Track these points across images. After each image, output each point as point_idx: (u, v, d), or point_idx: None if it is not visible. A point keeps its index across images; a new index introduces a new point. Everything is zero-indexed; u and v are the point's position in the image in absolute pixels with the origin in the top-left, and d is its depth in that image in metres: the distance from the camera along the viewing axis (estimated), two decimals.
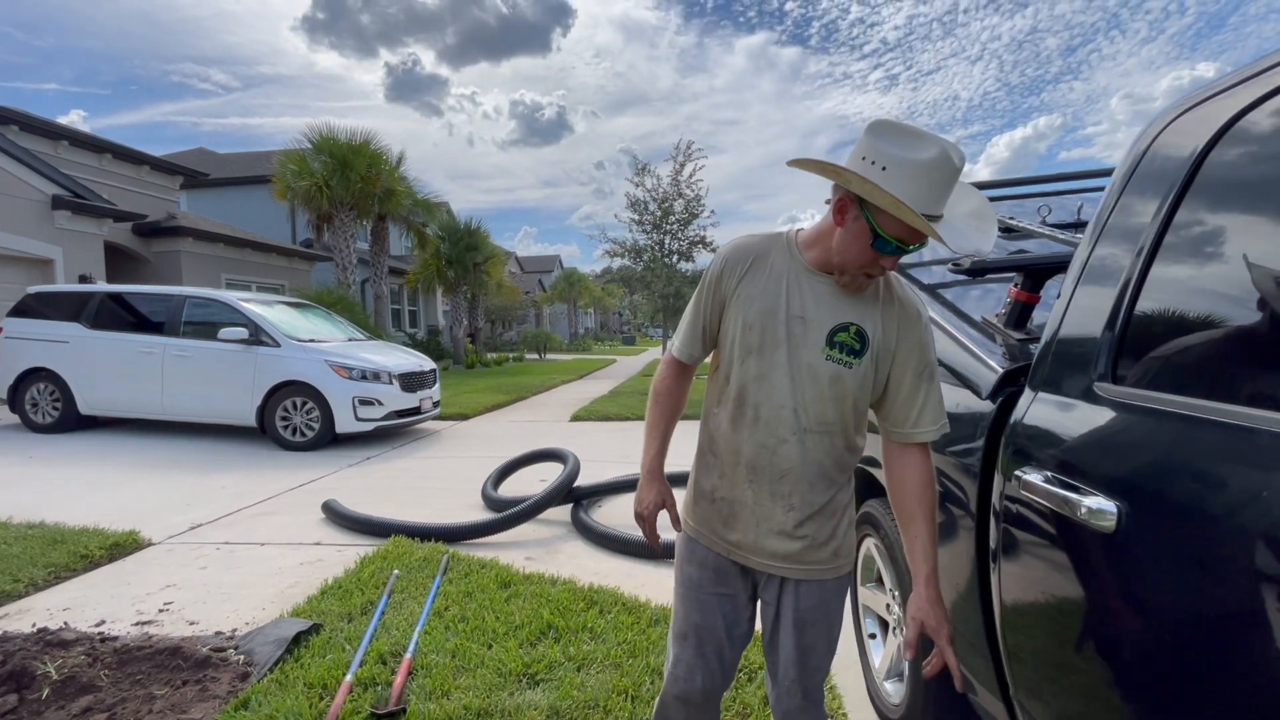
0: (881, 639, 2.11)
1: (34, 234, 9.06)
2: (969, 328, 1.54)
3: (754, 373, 1.17)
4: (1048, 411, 1.11)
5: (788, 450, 1.16)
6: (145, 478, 4.91)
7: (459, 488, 4.65)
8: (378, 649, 2.20)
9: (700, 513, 1.30)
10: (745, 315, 1.18)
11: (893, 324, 1.15)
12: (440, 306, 22.66)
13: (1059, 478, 1.00)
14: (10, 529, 3.48)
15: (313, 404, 6.12)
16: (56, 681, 2.01)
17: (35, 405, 6.65)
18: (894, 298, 1.17)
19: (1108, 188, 1.19)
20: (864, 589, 2.19)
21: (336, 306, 10.24)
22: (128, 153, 12.55)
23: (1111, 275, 1.08)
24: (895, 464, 1.20)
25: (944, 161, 0.99)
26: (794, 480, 1.17)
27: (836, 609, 1.26)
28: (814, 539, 1.20)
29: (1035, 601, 1.09)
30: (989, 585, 1.25)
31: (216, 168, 18.02)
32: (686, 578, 1.31)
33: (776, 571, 1.22)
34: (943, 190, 1.01)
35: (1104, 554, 0.90)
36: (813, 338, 1.14)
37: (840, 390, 1.14)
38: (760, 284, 1.18)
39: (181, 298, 6.68)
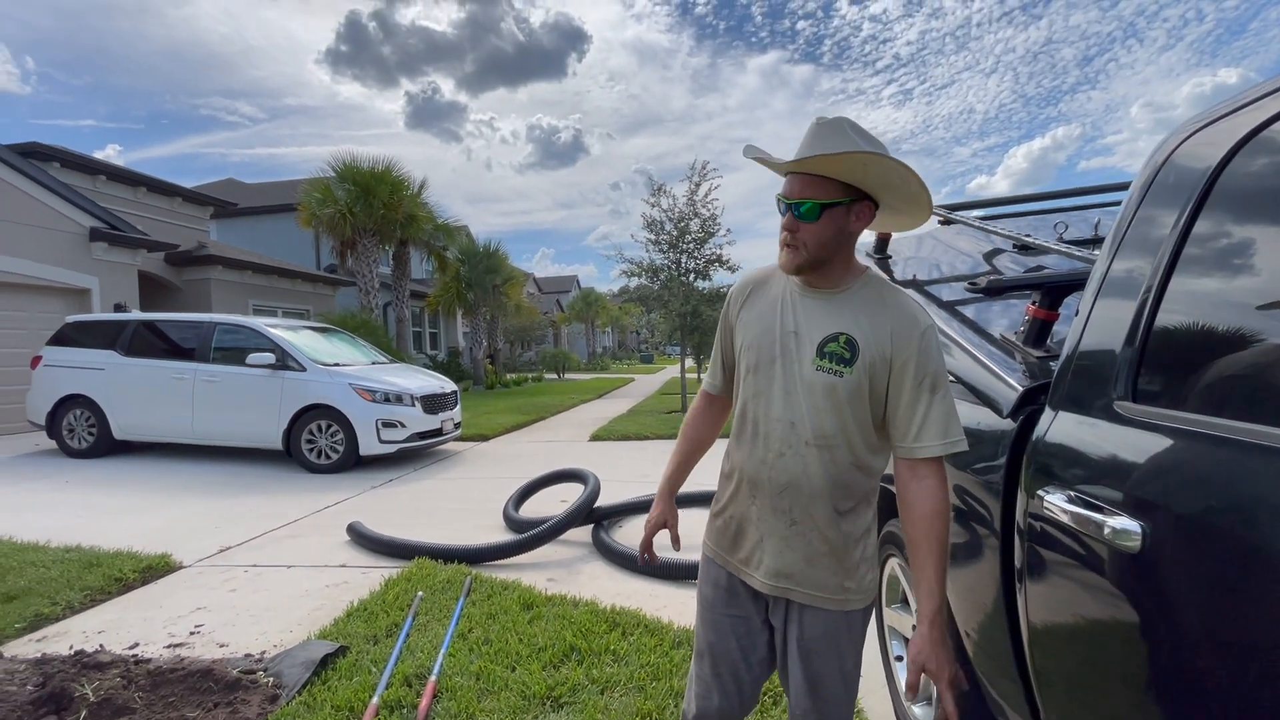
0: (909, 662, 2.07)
1: (73, 265, 9.41)
2: (988, 345, 1.54)
3: (753, 389, 1.21)
4: (1069, 430, 1.11)
5: (785, 464, 1.16)
6: (176, 501, 5.02)
7: (481, 509, 4.68)
8: (403, 671, 2.21)
9: (713, 531, 1.33)
10: (745, 337, 1.25)
11: (885, 331, 1.12)
12: (460, 328, 22.95)
13: (1082, 497, 0.99)
14: (48, 552, 3.57)
15: (337, 427, 6.23)
16: (94, 703, 2.05)
17: (72, 431, 6.86)
18: (887, 305, 1.15)
19: (1125, 200, 1.19)
20: (889, 610, 2.17)
21: (360, 330, 10.44)
22: (161, 185, 13.02)
23: (1130, 290, 1.08)
24: (904, 486, 1.14)
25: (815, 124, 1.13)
26: (794, 494, 1.16)
27: (847, 644, 1.21)
28: (816, 559, 1.17)
29: (1063, 623, 1.07)
30: (1015, 605, 1.23)
31: (244, 197, 18.59)
32: (702, 597, 1.33)
33: (779, 593, 1.20)
34: (812, 138, 1.11)
35: (1130, 575, 0.89)
36: (805, 351, 1.16)
37: (835, 401, 1.13)
38: (759, 308, 1.25)
39: (211, 324, 6.87)
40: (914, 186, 1.10)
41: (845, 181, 1.11)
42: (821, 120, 1.12)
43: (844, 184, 1.11)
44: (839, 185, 1.11)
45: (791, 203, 1.13)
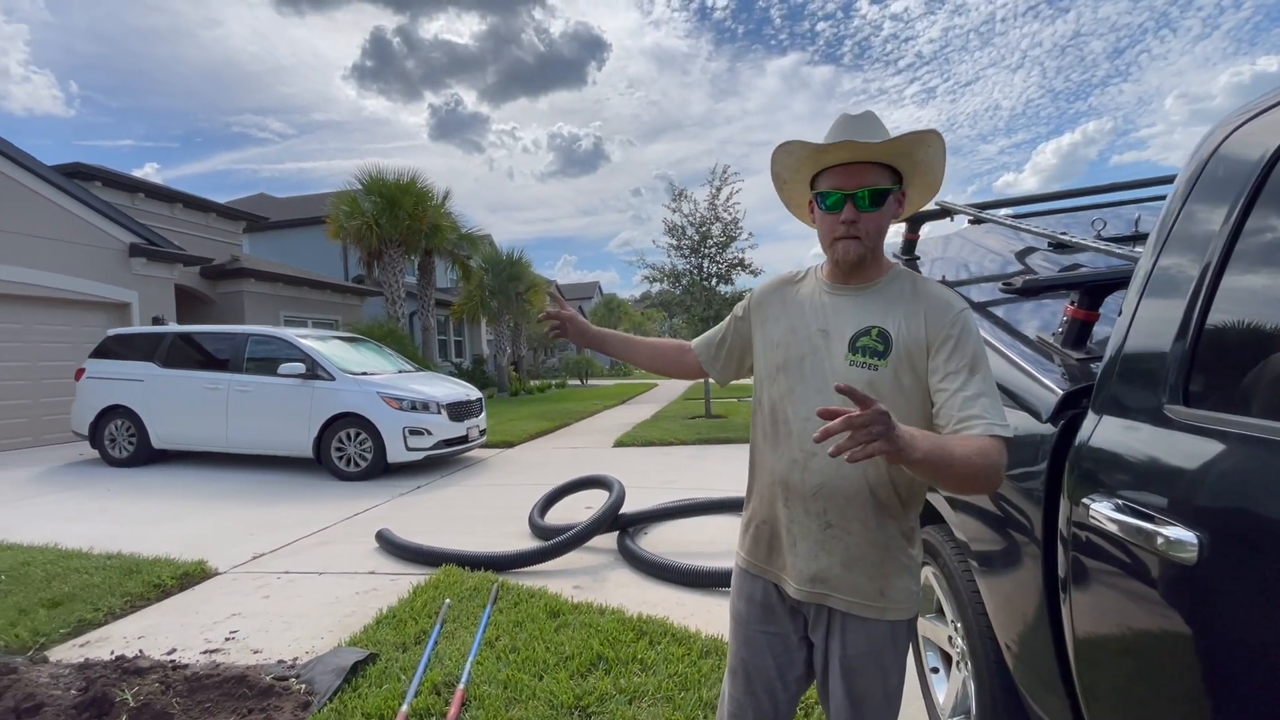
0: (945, 673, 2.02)
1: (114, 280, 9.74)
2: (1024, 347, 1.49)
3: (783, 388, 1.19)
4: (1114, 435, 1.06)
5: (818, 464, 1.12)
6: (211, 509, 5.14)
7: (506, 515, 4.70)
8: (431, 679, 2.22)
9: (746, 541, 1.29)
10: (772, 335, 1.24)
11: (918, 319, 1.09)
12: (484, 336, 23.19)
13: (1131, 506, 0.95)
14: (91, 559, 3.68)
15: (366, 435, 6.32)
16: (133, 709, 2.10)
17: (113, 440, 7.08)
18: (920, 294, 1.12)
19: (1170, 195, 1.14)
20: (923, 620, 2.11)
21: (387, 339, 10.61)
22: (196, 201, 13.43)
23: (1178, 288, 1.04)
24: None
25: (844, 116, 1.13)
26: (828, 495, 1.12)
27: (891, 659, 1.16)
28: (853, 563, 1.13)
29: (1112, 636, 1.03)
30: (1059, 616, 1.19)
31: (275, 211, 19.07)
32: (736, 613, 1.30)
33: (815, 598, 1.16)
34: (853, 127, 1.10)
35: (1186, 587, 0.85)
36: (836, 348, 1.14)
37: (874, 395, 1.07)
38: (785, 306, 1.24)
39: (244, 336, 7.04)
40: (938, 171, 1.12)
41: (894, 167, 1.12)
42: (848, 114, 1.12)
43: (892, 171, 1.12)
44: (890, 172, 1.12)
45: (850, 193, 1.10)
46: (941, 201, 2.48)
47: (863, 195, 1.09)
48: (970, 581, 1.63)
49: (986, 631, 1.56)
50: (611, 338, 1.49)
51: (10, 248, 8.38)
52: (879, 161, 1.11)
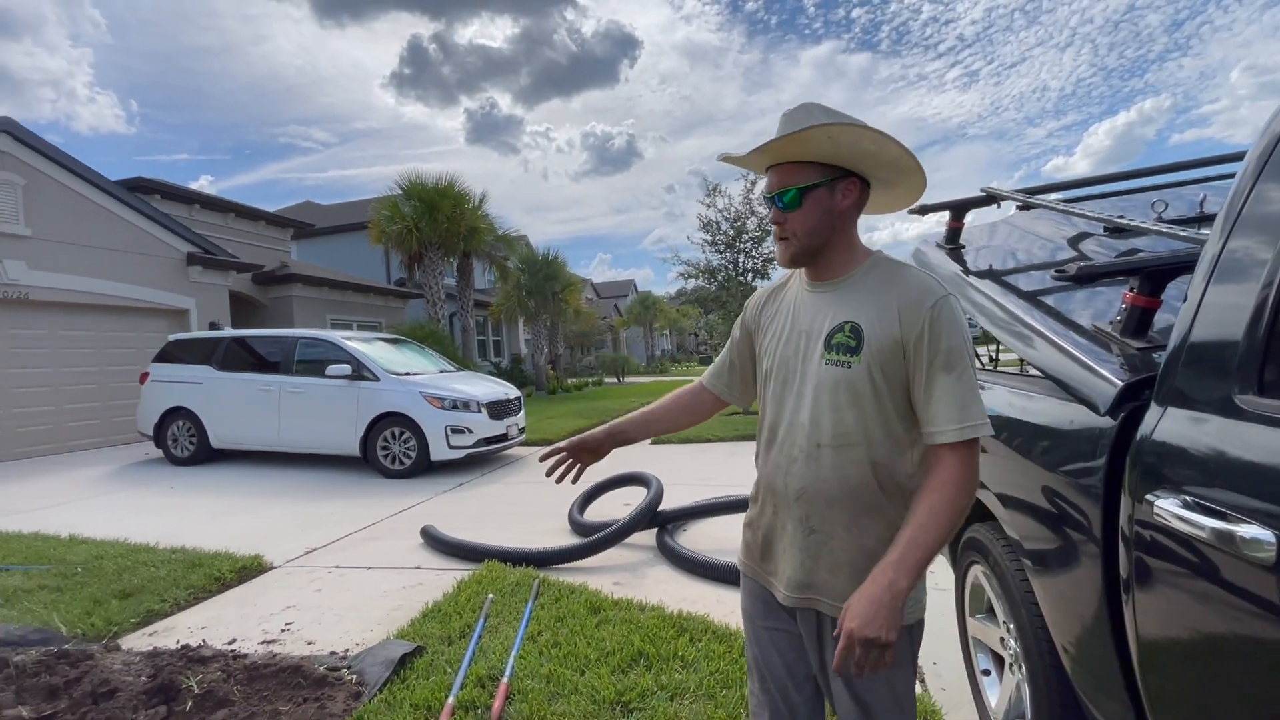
0: (997, 676, 1.95)
1: (172, 288, 10.24)
2: (1079, 337, 1.42)
3: (772, 394, 1.18)
4: (1180, 428, 1.01)
5: (798, 469, 1.11)
6: (266, 505, 5.35)
7: (546, 512, 4.75)
8: (476, 672, 2.26)
9: (745, 544, 1.28)
10: (763, 343, 1.24)
11: (891, 311, 1.05)
12: (522, 335, 23.51)
13: (1201, 503, 0.90)
14: (157, 553, 3.88)
15: (409, 434, 6.48)
16: (197, 695, 2.20)
17: (175, 440, 7.44)
18: (893, 285, 1.07)
19: (1239, 174, 1.07)
20: (973, 621, 2.05)
21: (428, 340, 10.85)
22: (247, 211, 13.99)
23: (1250, 272, 0.97)
24: (926, 471, 1.04)
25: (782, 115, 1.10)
26: (810, 500, 1.10)
27: (895, 668, 1.09)
28: (839, 568, 1.09)
29: (1180, 639, 0.97)
30: (1121, 619, 1.13)
31: (320, 218, 19.71)
32: (744, 609, 1.30)
33: (803, 604, 1.13)
34: (780, 126, 1.08)
35: (1263, 589, 0.80)
36: (815, 347, 1.12)
37: (851, 394, 1.06)
38: (775, 313, 1.23)
39: (294, 339, 7.30)
40: (892, 150, 1.05)
41: (820, 162, 1.09)
42: (787, 110, 1.10)
43: (822, 165, 1.09)
44: (816, 167, 1.09)
45: (771, 196, 1.12)
46: (988, 188, 2.40)
47: (784, 196, 1.10)
48: (1024, 581, 1.57)
49: (1042, 633, 1.50)
50: (629, 426, 1.39)
51: (81, 260, 8.88)
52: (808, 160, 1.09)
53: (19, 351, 8.33)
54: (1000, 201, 2.34)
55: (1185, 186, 2.38)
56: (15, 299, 8.15)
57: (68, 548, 4.06)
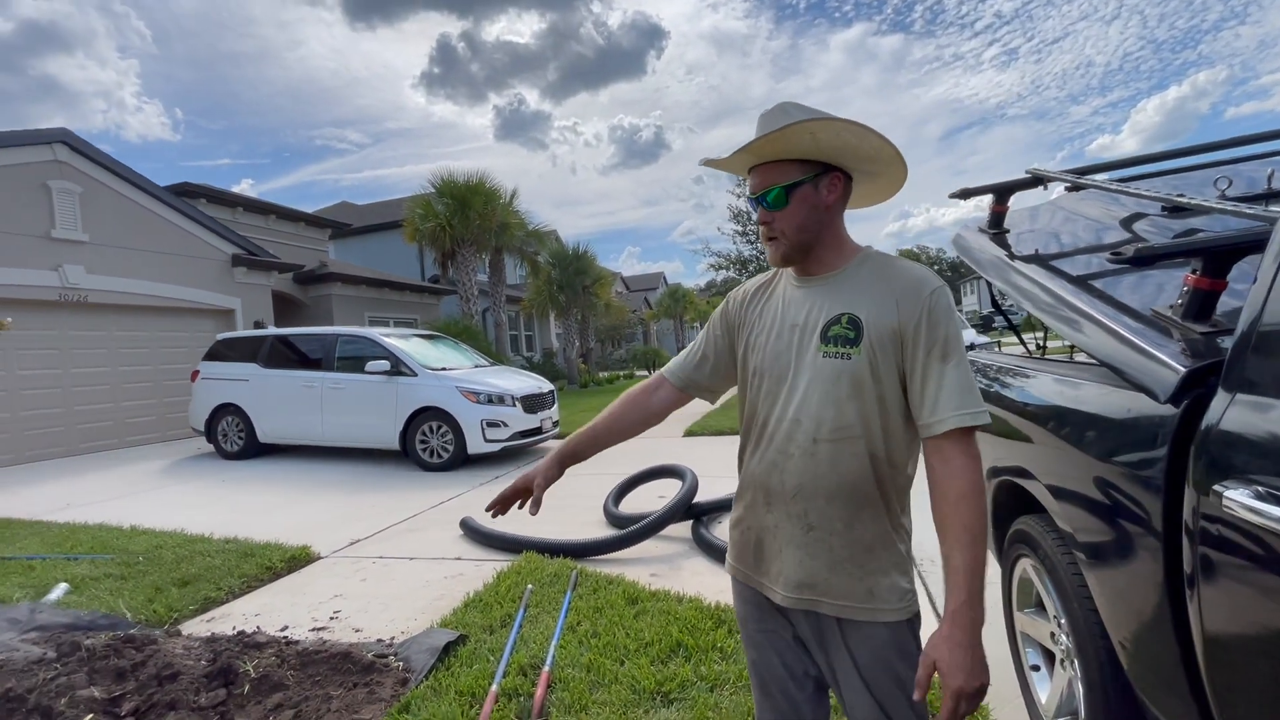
0: (1048, 672, 1.90)
1: (219, 288, 10.62)
2: (1135, 322, 1.37)
3: (763, 391, 1.15)
4: (1251, 416, 0.96)
5: (794, 465, 1.08)
6: (312, 498, 5.53)
7: (581, 504, 4.80)
8: (518, 661, 2.31)
9: (733, 545, 1.25)
10: (750, 338, 1.20)
11: (889, 302, 1.05)
12: (554, 330, 23.72)
13: (1274, 494, 0.86)
14: (212, 544, 4.05)
15: (447, 427, 6.61)
16: (254, 679, 2.30)
17: (225, 435, 7.73)
18: (889, 276, 1.08)
19: None
20: (1021, 615, 2.00)
21: (462, 336, 11.03)
22: (287, 212, 14.41)
23: None
24: (930, 469, 1.04)
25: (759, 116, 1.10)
26: (808, 496, 1.08)
27: (902, 667, 1.07)
28: (839, 565, 1.07)
29: (1250, 636, 0.93)
30: (1183, 614, 1.09)
31: (356, 217, 20.17)
32: (738, 614, 1.26)
33: (803, 605, 1.10)
34: (759, 127, 1.08)
35: None
36: (810, 340, 1.10)
37: (852, 386, 1.05)
38: (762, 308, 1.21)
39: (334, 336, 7.51)
40: (873, 141, 1.04)
41: (802, 159, 1.08)
42: (764, 111, 1.09)
43: (803, 162, 1.08)
44: (798, 165, 1.09)
45: (756, 196, 1.12)
46: (1034, 169, 2.32)
47: (768, 196, 1.10)
48: (1076, 575, 1.53)
49: (1097, 629, 1.45)
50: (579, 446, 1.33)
51: (134, 263, 9.28)
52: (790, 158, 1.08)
53: (80, 352, 8.76)
54: (1047, 184, 2.26)
55: (1246, 163, 2.25)
56: (75, 302, 8.57)
57: (129, 538, 4.27)
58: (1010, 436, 1.91)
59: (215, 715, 2.15)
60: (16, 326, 7.85)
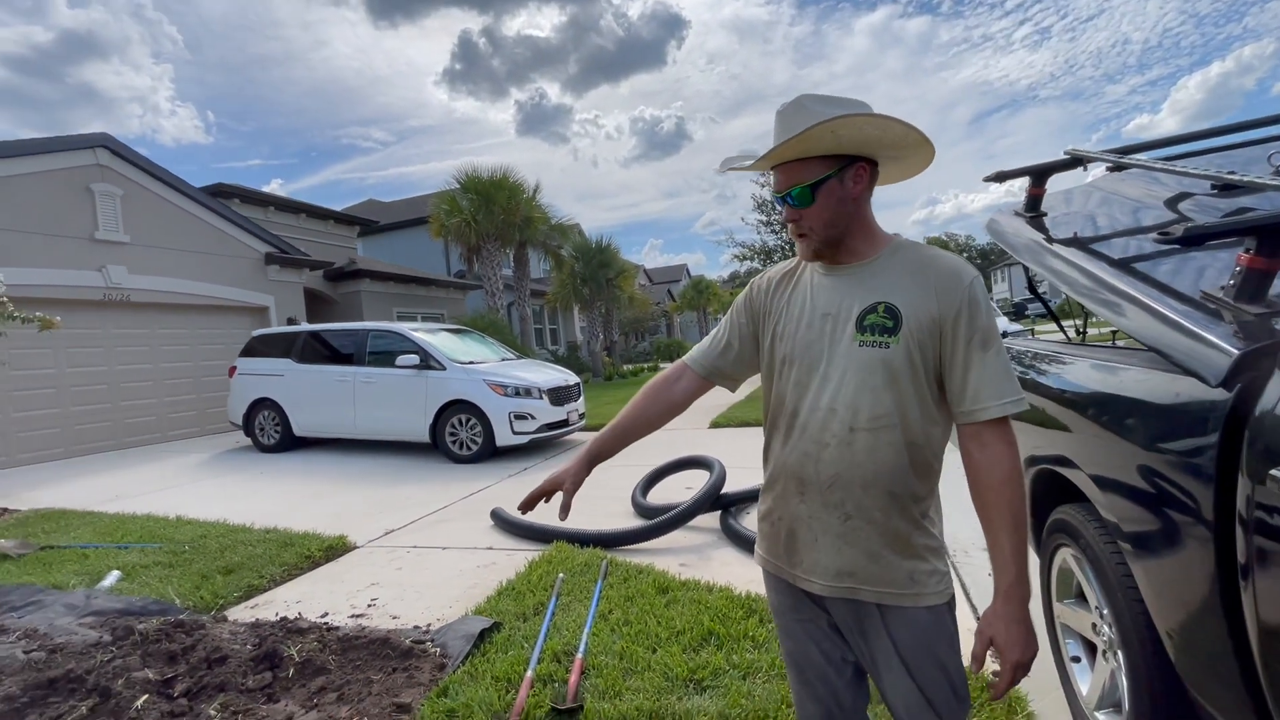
0: (1089, 663, 1.86)
1: (253, 286, 10.89)
2: (1182, 305, 1.32)
3: (793, 380, 1.14)
4: None
5: (830, 455, 1.08)
6: (346, 489, 5.67)
7: (609, 495, 4.83)
8: (551, 648, 2.34)
9: (763, 537, 1.24)
10: (777, 327, 1.19)
11: (927, 292, 1.05)
12: (578, 323, 23.82)
13: None
14: (253, 533, 4.18)
15: (475, 420, 6.70)
16: (298, 663, 2.37)
17: (262, 429, 7.95)
18: (926, 264, 1.07)
19: None
20: (1061, 606, 1.96)
21: (488, 330, 11.15)
22: (317, 211, 14.69)
23: None
24: (968, 455, 1.05)
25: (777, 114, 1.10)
26: (844, 486, 1.07)
27: (945, 649, 1.09)
28: (879, 552, 1.08)
29: None
30: (1236, 605, 1.06)
31: (383, 214, 20.47)
32: (771, 604, 1.27)
33: (843, 593, 1.10)
34: (778, 129, 1.08)
35: None
36: (844, 329, 1.09)
37: (889, 375, 1.04)
38: (790, 297, 1.19)
39: (365, 331, 7.65)
40: (897, 130, 1.03)
41: (826, 154, 1.07)
42: (783, 108, 1.09)
43: (827, 158, 1.07)
44: (821, 161, 1.07)
45: (781, 195, 1.12)
46: (1073, 149, 2.25)
47: (792, 194, 1.09)
48: (1121, 565, 1.49)
49: (1142, 619, 1.42)
50: (606, 444, 1.31)
51: (174, 263, 9.57)
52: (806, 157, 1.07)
53: (124, 349, 9.07)
54: (1087, 164, 2.20)
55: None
56: (119, 301, 8.87)
57: (175, 528, 4.43)
58: (1048, 425, 1.87)
59: (262, 697, 2.23)
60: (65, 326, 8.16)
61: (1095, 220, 2.12)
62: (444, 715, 1.97)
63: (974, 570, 2.85)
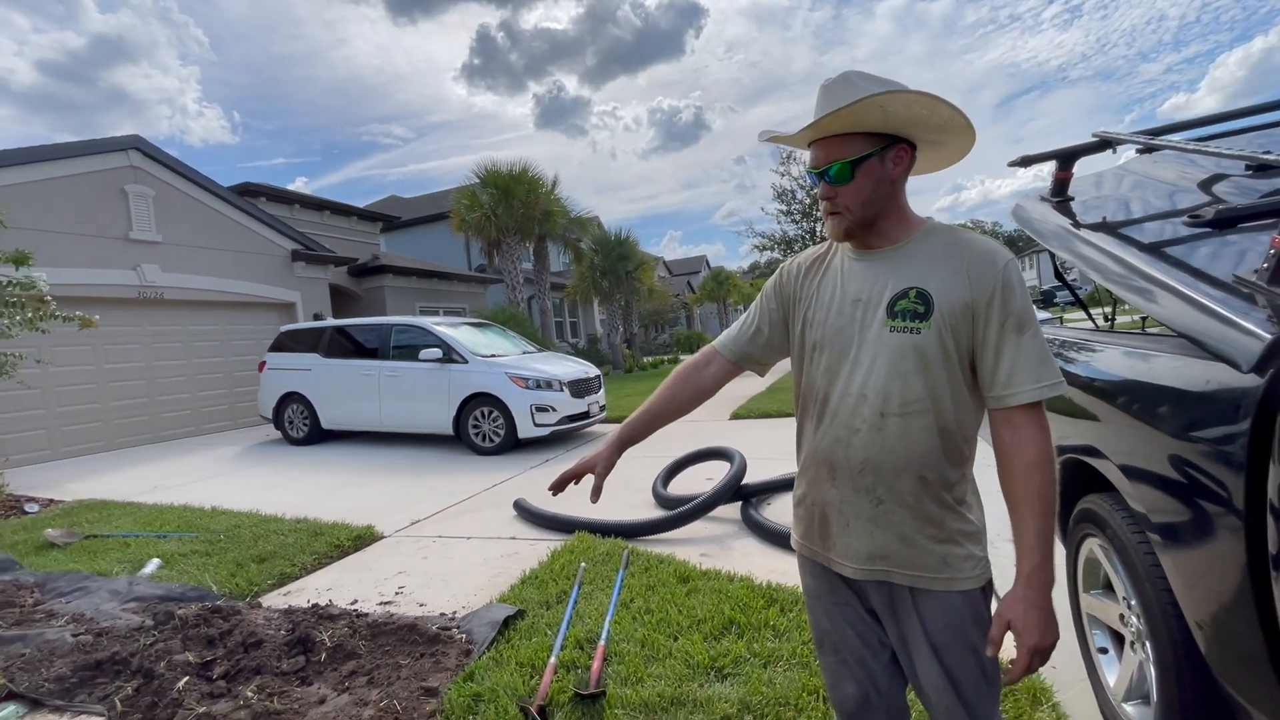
0: (1116, 655, 1.84)
1: (280, 283, 11.11)
2: (1212, 289, 1.29)
3: (824, 366, 1.14)
4: None
5: (862, 439, 1.07)
6: (373, 481, 5.79)
7: (630, 486, 4.86)
8: (574, 635, 2.38)
9: (798, 522, 1.25)
10: (808, 313, 1.18)
11: (960, 276, 1.03)
12: (597, 315, 23.87)
13: None
14: (285, 523, 4.30)
15: (498, 412, 6.78)
16: (330, 648, 2.45)
17: (291, 423, 8.14)
18: (960, 249, 1.06)
19: None
20: (1088, 597, 1.94)
21: (509, 323, 11.25)
22: (340, 207, 14.91)
23: None
24: (999, 439, 1.04)
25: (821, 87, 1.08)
26: (875, 470, 1.07)
27: (977, 634, 1.09)
28: (911, 537, 1.08)
29: None
30: (1269, 597, 1.04)
31: (404, 210, 20.71)
32: (805, 587, 1.27)
33: (875, 576, 1.11)
34: (822, 102, 1.06)
35: None
36: (874, 315, 1.08)
37: (921, 361, 1.03)
38: (820, 282, 1.18)
39: (389, 326, 7.77)
40: (944, 112, 1.02)
41: (869, 132, 1.06)
42: (827, 82, 1.06)
43: (869, 135, 1.06)
44: (864, 138, 1.06)
45: (819, 171, 1.09)
46: (1101, 132, 2.20)
47: (831, 170, 1.07)
48: (1149, 555, 1.47)
49: (1171, 610, 1.40)
50: (636, 429, 1.34)
51: (205, 261, 9.80)
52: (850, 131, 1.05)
53: (159, 346, 9.34)
54: (1116, 147, 2.14)
55: None
56: (153, 299, 9.12)
57: (211, 518, 4.57)
58: (1075, 414, 1.84)
59: (296, 680, 2.31)
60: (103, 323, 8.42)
61: (1127, 204, 2.07)
62: (470, 699, 2.02)
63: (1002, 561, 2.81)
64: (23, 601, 3.25)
